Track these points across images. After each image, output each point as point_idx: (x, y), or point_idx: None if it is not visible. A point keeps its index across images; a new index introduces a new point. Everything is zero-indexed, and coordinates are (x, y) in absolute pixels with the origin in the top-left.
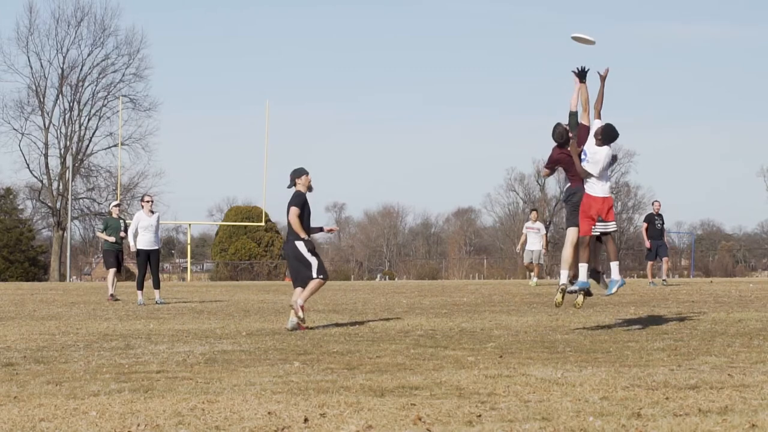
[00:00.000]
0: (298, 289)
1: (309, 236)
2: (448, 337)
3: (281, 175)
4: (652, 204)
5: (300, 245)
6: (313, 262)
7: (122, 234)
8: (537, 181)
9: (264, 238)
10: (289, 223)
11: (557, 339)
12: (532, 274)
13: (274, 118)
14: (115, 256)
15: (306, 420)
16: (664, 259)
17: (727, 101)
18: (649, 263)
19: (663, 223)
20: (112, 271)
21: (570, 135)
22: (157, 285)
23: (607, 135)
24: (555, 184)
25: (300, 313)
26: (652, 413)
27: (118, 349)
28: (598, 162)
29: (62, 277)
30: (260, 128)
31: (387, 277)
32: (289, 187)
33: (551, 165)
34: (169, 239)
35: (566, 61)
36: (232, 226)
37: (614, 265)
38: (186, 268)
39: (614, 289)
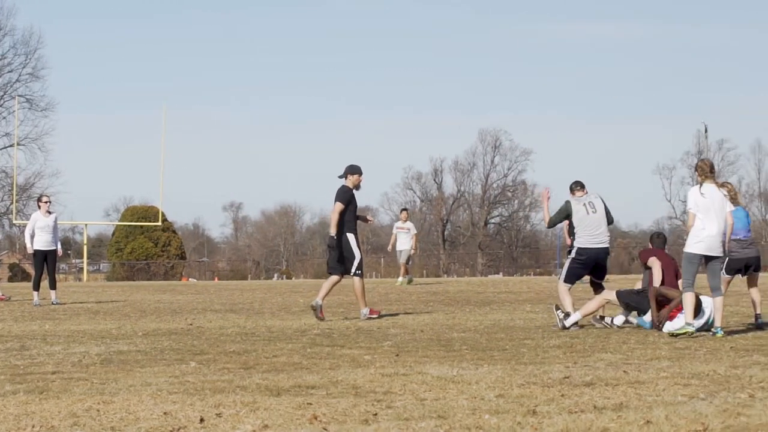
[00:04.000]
0: (331, 279)
1: (355, 229)
2: (344, 336)
3: (178, 174)
4: None
5: (351, 238)
6: (357, 257)
7: None
8: (434, 179)
9: (161, 238)
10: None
11: (453, 337)
12: (400, 274)
13: (172, 118)
14: None
15: (202, 420)
16: None
17: (615, 98)
18: None
19: None
20: None
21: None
22: (53, 285)
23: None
24: (452, 184)
25: (320, 314)
26: (548, 410)
27: (13, 351)
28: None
29: None
30: (157, 129)
31: (284, 276)
32: (340, 177)
33: (647, 258)
34: (65, 239)
35: (459, 57)
36: (129, 226)
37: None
38: (82, 268)
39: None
